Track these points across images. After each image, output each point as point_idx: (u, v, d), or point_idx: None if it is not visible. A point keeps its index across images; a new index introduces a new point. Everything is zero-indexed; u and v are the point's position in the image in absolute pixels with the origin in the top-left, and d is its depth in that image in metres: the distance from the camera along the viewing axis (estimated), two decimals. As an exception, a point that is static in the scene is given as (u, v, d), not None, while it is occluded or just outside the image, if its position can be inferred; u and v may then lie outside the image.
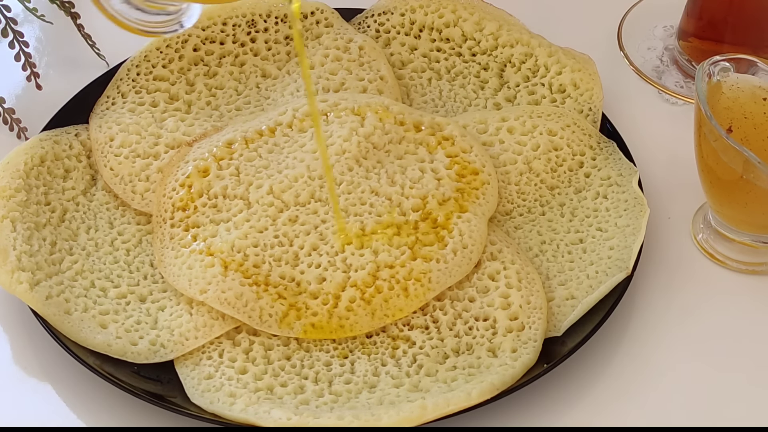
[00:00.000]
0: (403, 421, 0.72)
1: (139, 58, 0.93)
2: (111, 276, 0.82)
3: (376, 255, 0.80)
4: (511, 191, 0.86)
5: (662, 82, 0.97)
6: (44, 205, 0.84)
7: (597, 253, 0.82)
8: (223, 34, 0.94)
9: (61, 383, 0.77)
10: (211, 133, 0.88)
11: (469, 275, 0.81)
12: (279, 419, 0.73)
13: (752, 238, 0.83)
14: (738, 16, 0.94)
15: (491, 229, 0.83)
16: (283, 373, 0.77)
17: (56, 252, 0.82)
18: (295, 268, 0.80)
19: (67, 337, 0.77)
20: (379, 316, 0.79)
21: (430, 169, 0.84)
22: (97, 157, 0.87)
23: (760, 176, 0.77)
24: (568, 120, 0.89)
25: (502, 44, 0.94)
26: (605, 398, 0.77)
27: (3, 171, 0.84)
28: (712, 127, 0.78)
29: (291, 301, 0.79)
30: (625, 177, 0.86)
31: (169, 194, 0.84)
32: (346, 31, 0.94)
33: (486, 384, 0.74)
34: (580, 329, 0.78)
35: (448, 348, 0.78)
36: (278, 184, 0.83)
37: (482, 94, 0.93)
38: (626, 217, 0.84)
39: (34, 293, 0.77)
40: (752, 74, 0.82)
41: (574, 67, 0.92)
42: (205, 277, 0.79)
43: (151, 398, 0.74)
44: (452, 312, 0.79)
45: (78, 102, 0.91)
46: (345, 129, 0.85)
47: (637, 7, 1.03)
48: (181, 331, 0.78)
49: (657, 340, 0.80)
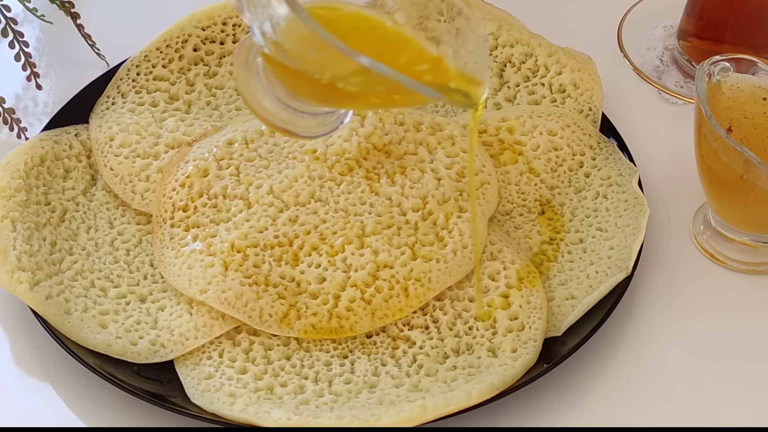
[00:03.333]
0: (403, 421, 0.72)
1: (139, 58, 0.93)
2: (111, 276, 0.82)
3: (376, 255, 0.80)
4: (511, 191, 0.86)
5: (662, 82, 0.97)
6: (44, 205, 0.84)
7: (597, 253, 0.82)
8: (223, 34, 0.94)
9: (61, 383, 0.77)
10: (211, 133, 0.88)
11: (469, 275, 0.81)
12: (279, 419, 0.73)
13: (752, 238, 0.83)
14: (738, 16, 0.94)
15: (491, 229, 0.83)
16: (283, 373, 0.77)
17: (56, 252, 0.82)
18: (295, 268, 0.80)
19: (67, 337, 0.77)
20: (379, 316, 0.79)
21: (430, 169, 0.84)
22: (97, 157, 0.87)
23: (760, 176, 0.77)
24: (568, 120, 0.89)
25: (502, 44, 0.94)
26: (605, 398, 0.77)
27: (3, 171, 0.84)
28: (712, 127, 0.78)
29: (291, 301, 0.79)
30: (625, 177, 0.86)
31: (169, 194, 0.84)
32: (346, 31, 0.94)
33: (486, 384, 0.74)
34: (580, 329, 0.78)
35: (448, 348, 0.78)
36: (278, 184, 0.83)
37: (482, 94, 0.93)
38: (626, 217, 0.84)
39: (34, 293, 0.77)
40: (752, 74, 0.82)
41: (574, 67, 0.92)
42: (205, 277, 0.79)
43: (151, 398, 0.74)
44: (452, 312, 0.79)
45: (78, 102, 0.91)
46: (345, 129, 0.85)
47: (637, 7, 1.03)
48: (181, 331, 0.78)
49: (657, 340, 0.80)
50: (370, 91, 0.68)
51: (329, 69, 0.67)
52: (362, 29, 0.73)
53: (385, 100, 0.71)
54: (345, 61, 0.65)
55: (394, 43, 0.73)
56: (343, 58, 0.64)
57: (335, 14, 0.73)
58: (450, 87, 0.71)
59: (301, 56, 0.68)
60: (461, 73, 0.71)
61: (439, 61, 0.72)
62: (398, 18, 0.72)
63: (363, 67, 0.64)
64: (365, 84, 0.67)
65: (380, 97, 0.70)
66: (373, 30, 0.73)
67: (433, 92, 0.67)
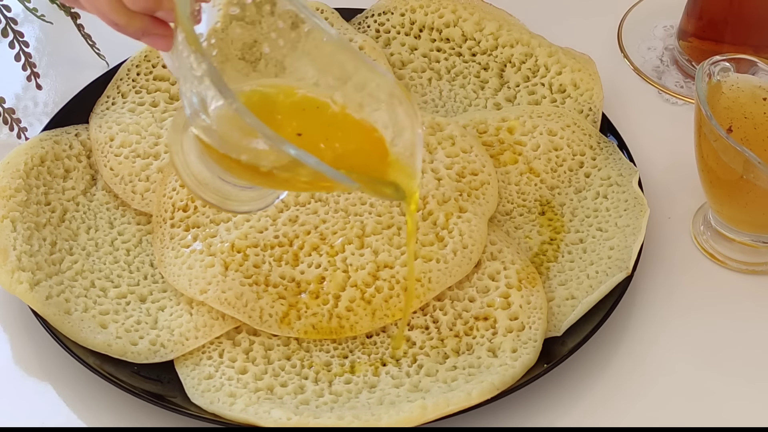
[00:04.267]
0: (403, 421, 0.72)
1: (139, 58, 0.93)
2: (111, 276, 0.82)
3: (376, 255, 0.80)
4: (511, 191, 0.86)
5: (662, 82, 0.97)
6: (44, 205, 0.84)
7: (597, 253, 0.82)
8: (223, 34, 0.94)
9: (61, 383, 0.77)
10: (211, 133, 0.88)
11: (469, 275, 0.81)
12: (279, 419, 0.73)
13: (752, 238, 0.83)
14: (738, 16, 0.94)
15: (491, 229, 0.83)
16: (283, 373, 0.77)
17: (56, 252, 0.82)
18: (295, 268, 0.80)
19: (67, 337, 0.77)
20: (379, 316, 0.79)
21: (430, 169, 0.84)
22: (97, 157, 0.87)
23: (760, 176, 0.77)
24: (568, 120, 0.89)
25: (502, 44, 0.94)
26: (605, 398, 0.77)
27: (3, 171, 0.84)
28: (712, 127, 0.78)
29: (291, 301, 0.79)
30: (625, 177, 0.86)
31: (170, 194, 0.84)
32: (346, 31, 0.94)
33: (486, 384, 0.74)
34: (580, 329, 0.78)
35: (448, 348, 0.78)
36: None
37: (482, 94, 0.93)
38: (626, 217, 0.84)
39: (34, 293, 0.77)
40: (752, 74, 0.82)
41: (574, 67, 0.92)
42: (205, 277, 0.79)
43: (151, 398, 0.74)
44: (452, 312, 0.79)
45: (78, 102, 0.91)
46: (345, 129, 0.85)
47: (637, 7, 1.03)
48: (181, 331, 0.78)
49: (657, 340, 0.80)
50: (297, 178, 0.67)
51: (256, 154, 0.65)
52: (308, 110, 0.72)
53: (313, 185, 0.70)
54: (271, 149, 0.64)
55: (340, 125, 0.71)
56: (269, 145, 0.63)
57: (285, 97, 0.72)
58: (378, 180, 0.69)
59: (228, 138, 0.66)
60: (398, 161, 0.70)
61: (381, 142, 0.71)
62: (337, 98, 0.71)
63: (289, 155, 0.63)
64: (291, 169, 0.65)
65: (308, 183, 0.68)
66: (318, 110, 0.71)
67: (356, 185, 0.66)
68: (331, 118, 0.71)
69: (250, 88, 0.72)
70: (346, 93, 0.71)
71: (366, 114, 0.71)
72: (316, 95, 0.72)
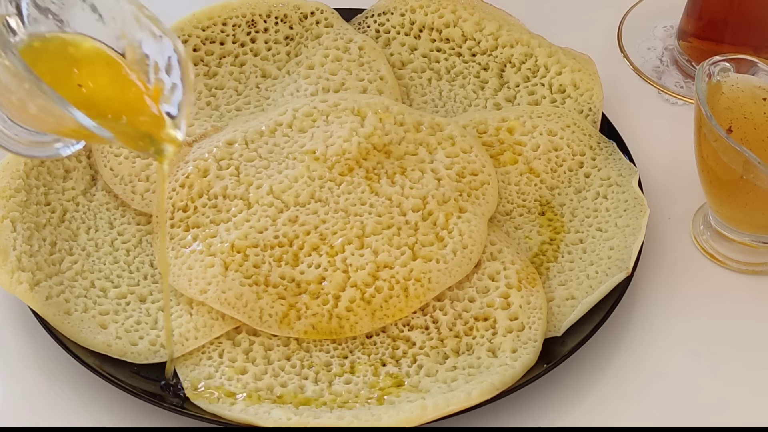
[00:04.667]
0: (403, 421, 0.72)
1: (139, 59, 0.93)
2: (111, 276, 0.82)
3: (376, 255, 0.80)
4: (511, 191, 0.86)
5: (662, 82, 0.97)
6: (44, 205, 0.84)
7: (597, 253, 0.82)
8: (223, 34, 0.94)
9: (61, 383, 0.77)
10: (211, 133, 0.88)
11: (469, 275, 0.81)
12: (279, 419, 0.73)
13: (752, 238, 0.83)
14: (738, 16, 0.94)
15: (491, 229, 0.83)
16: (283, 373, 0.77)
17: (56, 252, 0.82)
18: (295, 268, 0.80)
19: (67, 337, 0.77)
20: (379, 317, 0.79)
21: (430, 169, 0.84)
22: (97, 157, 0.87)
23: (760, 176, 0.77)
24: (568, 120, 0.89)
25: (502, 44, 0.94)
26: (605, 398, 0.77)
27: (3, 171, 0.84)
28: (712, 127, 0.78)
29: (291, 301, 0.79)
30: (625, 177, 0.86)
31: (169, 194, 0.84)
32: (346, 32, 0.94)
33: (486, 384, 0.74)
34: (580, 329, 0.78)
35: (448, 348, 0.78)
36: (278, 185, 0.83)
37: (482, 95, 0.93)
38: (626, 217, 0.84)
39: (34, 293, 0.77)
40: (752, 74, 0.82)
41: (574, 67, 0.92)
42: (205, 278, 0.79)
43: (151, 398, 0.74)
44: (452, 312, 0.79)
45: (78, 102, 0.91)
46: (345, 129, 0.85)
47: (637, 7, 1.03)
48: (181, 332, 0.78)
49: (657, 341, 0.80)
50: (64, 124, 0.67)
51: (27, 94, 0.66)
52: (96, 64, 0.72)
53: (78, 133, 0.69)
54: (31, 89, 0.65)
55: (124, 79, 0.71)
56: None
57: (75, 48, 0.71)
58: (130, 130, 0.69)
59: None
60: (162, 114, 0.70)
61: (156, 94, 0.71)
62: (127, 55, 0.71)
63: (43, 96, 0.64)
64: (53, 113, 0.66)
65: (74, 131, 0.68)
66: (108, 65, 0.71)
67: (110, 135, 0.66)
68: (114, 70, 0.71)
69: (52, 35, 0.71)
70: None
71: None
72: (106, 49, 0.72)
